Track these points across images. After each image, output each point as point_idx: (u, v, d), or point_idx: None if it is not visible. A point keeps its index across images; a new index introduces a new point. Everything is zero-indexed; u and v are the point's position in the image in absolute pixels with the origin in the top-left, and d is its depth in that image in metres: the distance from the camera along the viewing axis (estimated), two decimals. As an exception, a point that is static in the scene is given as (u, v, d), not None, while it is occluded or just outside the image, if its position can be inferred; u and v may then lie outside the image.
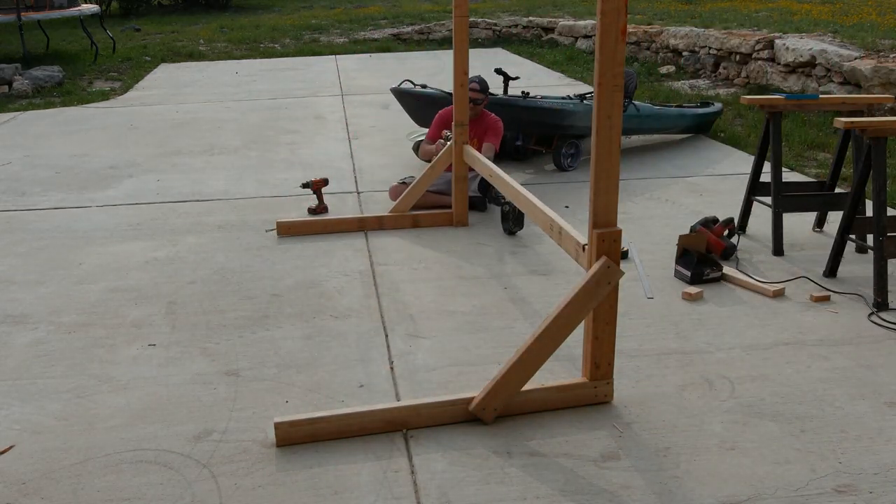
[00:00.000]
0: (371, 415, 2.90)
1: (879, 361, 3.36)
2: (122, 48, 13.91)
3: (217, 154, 7.09)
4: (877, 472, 2.65)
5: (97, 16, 13.73)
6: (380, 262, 4.53)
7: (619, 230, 2.86)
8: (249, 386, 3.25)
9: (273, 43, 14.72)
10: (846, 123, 4.01)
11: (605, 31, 2.66)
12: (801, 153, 6.63)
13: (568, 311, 2.88)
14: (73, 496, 2.60)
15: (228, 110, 9.07)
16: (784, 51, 8.71)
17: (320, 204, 5.40)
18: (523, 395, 2.99)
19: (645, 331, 3.67)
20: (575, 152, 6.35)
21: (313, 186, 5.37)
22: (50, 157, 7.06)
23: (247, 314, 3.90)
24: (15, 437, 2.93)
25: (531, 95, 6.43)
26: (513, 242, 4.80)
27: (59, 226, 5.25)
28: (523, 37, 14.66)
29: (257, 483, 2.65)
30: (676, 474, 2.66)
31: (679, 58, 10.90)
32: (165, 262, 4.59)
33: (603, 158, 2.79)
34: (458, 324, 3.77)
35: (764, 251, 4.60)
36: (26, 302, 4.08)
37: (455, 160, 4.94)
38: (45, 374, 3.37)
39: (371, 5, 19.25)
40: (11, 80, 10.40)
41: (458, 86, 4.74)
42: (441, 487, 2.61)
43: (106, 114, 9.08)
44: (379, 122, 8.23)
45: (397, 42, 14.73)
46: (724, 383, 3.21)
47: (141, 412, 3.07)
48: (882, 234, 3.89)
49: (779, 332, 3.64)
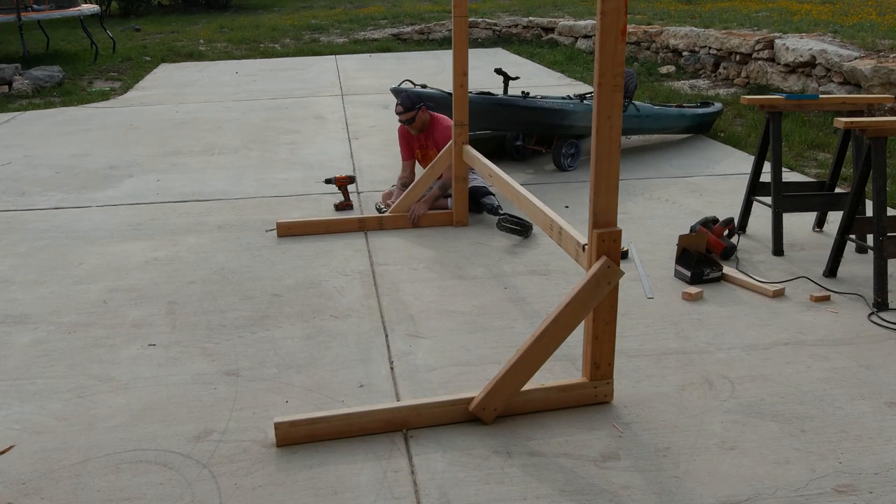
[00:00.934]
0: (371, 415, 2.90)
1: (879, 361, 3.36)
2: (122, 48, 13.92)
3: (217, 154, 7.09)
4: (877, 472, 2.65)
5: (97, 16, 13.74)
6: (380, 262, 4.53)
7: (619, 230, 2.86)
8: (249, 386, 3.25)
9: (273, 43, 14.72)
10: (846, 123, 4.01)
11: (605, 31, 2.66)
12: (801, 153, 6.63)
13: (568, 312, 2.88)
14: (73, 496, 2.60)
15: (228, 110, 9.08)
16: (784, 51, 8.70)
17: (345, 200, 5.46)
18: (523, 395, 2.99)
19: (645, 331, 3.67)
20: (575, 152, 6.35)
21: (336, 183, 5.41)
22: (50, 157, 7.06)
23: (247, 314, 3.90)
24: (15, 437, 2.93)
25: (531, 95, 6.43)
26: (513, 242, 4.80)
27: (59, 226, 5.25)
28: (523, 37, 14.66)
29: (257, 483, 2.65)
30: (676, 474, 2.66)
31: (679, 58, 10.90)
32: (165, 262, 4.59)
33: (603, 158, 2.79)
34: (458, 324, 3.77)
35: (764, 251, 4.60)
36: (26, 302, 4.08)
37: (455, 160, 4.94)
38: (45, 374, 3.37)
39: (371, 5, 19.25)
40: (11, 80, 10.40)
41: (458, 86, 4.74)
42: (441, 487, 2.61)
43: (106, 114, 9.08)
44: (379, 122, 8.23)
45: (397, 42, 14.73)
46: (724, 383, 3.21)
47: (141, 412, 3.07)
48: (882, 234, 3.89)
49: (779, 332, 3.64)
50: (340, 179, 5.42)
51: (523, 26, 14.77)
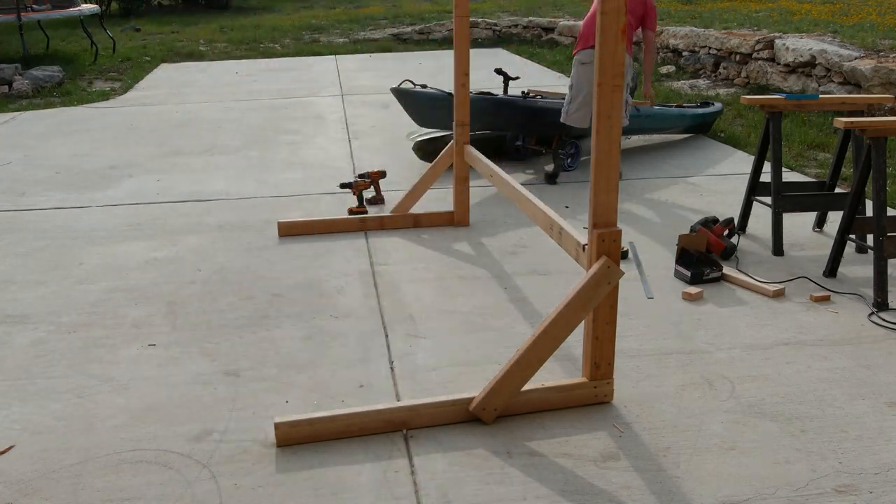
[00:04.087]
0: (371, 415, 2.90)
1: (879, 361, 3.36)
2: (122, 48, 13.92)
3: (217, 154, 7.09)
4: (877, 472, 2.65)
5: (97, 16, 13.73)
6: (380, 262, 4.53)
7: (619, 230, 2.86)
8: (249, 386, 3.25)
9: (273, 43, 14.72)
10: (846, 123, 4.01)
11: (605, 31, 2.66)
12: (801, 153, 6.63)
13: (568, 312, 2.88)
14: (73, 496, 2.60)
15: (228, 110, 9.08)
16: (784, 51, 8.70)
17: (377, 195, 5.55)
18: (523, 395, 2.99)
19: (645, 331, 3.67)
20: (575, 152, 6.35)
21: (370, 177, 5.49)
22: (50, 157, 7.06)
23: (247, 314, 3.90)
24: (15, 437, 2.93)
25: (531, 95, 6.43)
26: (513, 242, 4.80)
27: (59, 226, 5.25)
28: (523, 37, 14.66)
29: (257, 483, 2.65)
30: (676, 474, 2.66)
31: (679, 58, 10.91)
32: (165, 262, 4.59)
33: (603, 158, 2.79)
34: (458, 324, 3.77)
35: (764, 251, 4.60)
36: (26, 302, 4.08)
37: (455, 160, 4.94)
38: (45, 374, 3.37)
39: (371, 5, 19.25)
40: (11, 80, 10.40)
41: (460, 86, 4.74)
42: (441, 487, 2.61)
43: (106, 114, 9.08)
44: (379, 122, 8.24)
45: (397, 42, 14.73)
46: (724, 383, 3.21)
47: (141, 412, 3.07)
48: (882, 234, 3.89)
49: (779, 332, 3.64)
50: (374, 174, 5.50)
51: (523, 26, 14.77)
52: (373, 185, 5.50)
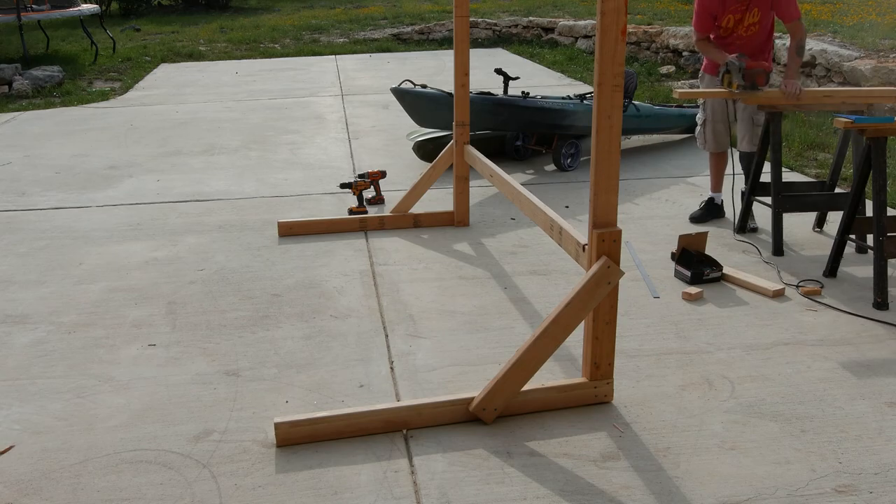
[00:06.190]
0: (371, 415, 2.90)
1: (879, 361, 3.36)
2: (122, 48, 13.91)
3: (217, 154, 7.09)
4: (877, 472, 2.65)
5: (97, 16, 13.73)
6: (380, 262, 4.53)
7: (619, 230, 2.86)
8: (249, 386, 3.25)
9: (273, 43, 14.72)
10: (846, 123, 4.01)
11: (605, 31, 2.65)
12: (801, 153, 6.63)
13: (568, 312, 2.88)
14: (73, 496, 2.60)
15: (228, 110, 9.08)
16: (784, 51, 8.70)
17: (377, 195, 5.55)
18: (523, 396, 2.99)
19: (645, 331, 3.67)
20: (575, 152, 6.35)
21: (370, 177, 5.50)
22: (50, 157, 7.06)
23: (247, 314, 3.90)
24: (15, 437, 2.93)
25: (531, 95, 6.43)
26: (513, 242, 4.80)
27: (59, 226, 5.25)
28: (523, 37, 14.66)
29: (257, 483, 2.65)
30: (676, 474, 2.66)
31: (679, 58, 10.90)
32: (165, 262, 4.59)
33: (603, 158, 2.79)
34: (458, 324, 3.77)
35: (764, 251, 4.60)
36: (26, 302, 4.08)
37: (455, 160, 4.94)
38: (45, 374, 3.37)
39: (371, 5, 19.25)
40: (11, 80, 10.40)
41: (460, 86, 4.74)
42: (441, 487, 2.61)
43: (106, 114, 9.08)
44: (379, 122, 8.23)
45: (397, 42, 14.73)
46: (724, 383, 3.21)
47: (141, 412, 3.07)
48: (882, 234, 3.89)
49: (779, 332, 3.64)
50: (374, 174, 5.49)
51: (523, 26, 14.77)
52: (373, 185, 5.51)
